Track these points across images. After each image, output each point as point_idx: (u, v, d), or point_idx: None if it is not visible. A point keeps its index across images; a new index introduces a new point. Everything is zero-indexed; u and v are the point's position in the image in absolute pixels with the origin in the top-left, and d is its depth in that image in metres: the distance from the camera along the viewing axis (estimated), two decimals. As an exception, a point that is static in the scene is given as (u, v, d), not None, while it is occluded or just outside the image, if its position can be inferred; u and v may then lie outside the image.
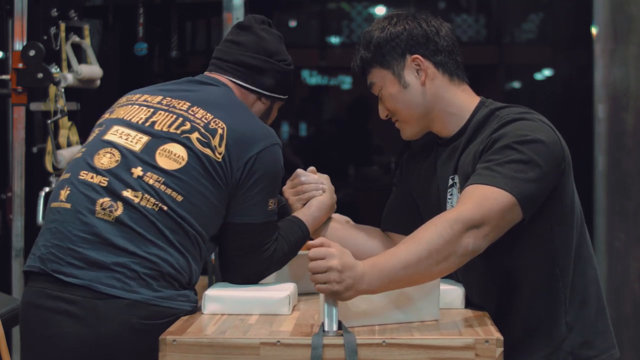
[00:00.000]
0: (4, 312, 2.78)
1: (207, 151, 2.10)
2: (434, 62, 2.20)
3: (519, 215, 2.01)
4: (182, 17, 4.65)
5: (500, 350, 1.84)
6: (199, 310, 2.11)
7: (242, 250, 2.17)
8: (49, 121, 3.83)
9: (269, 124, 2.32)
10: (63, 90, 3.88)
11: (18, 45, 3.82)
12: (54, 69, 3.83)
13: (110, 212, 2.05)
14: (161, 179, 2.08)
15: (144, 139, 2.12)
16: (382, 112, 2.27)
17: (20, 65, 3.75)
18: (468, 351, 1.84)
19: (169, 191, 2.07)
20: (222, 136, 2.12)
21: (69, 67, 3.99)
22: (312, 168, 2.40)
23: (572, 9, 4.93)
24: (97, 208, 2.06)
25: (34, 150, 3.89)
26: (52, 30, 3.94)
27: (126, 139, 2.13)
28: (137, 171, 2.08)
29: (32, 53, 3.73)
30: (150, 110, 2.18)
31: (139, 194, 2.06)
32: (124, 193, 2.06)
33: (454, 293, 2.17)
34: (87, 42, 4.16)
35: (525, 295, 2.13)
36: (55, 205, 2.12)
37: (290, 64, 2.35)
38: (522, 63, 5.31)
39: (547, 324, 2.13)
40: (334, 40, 5.45)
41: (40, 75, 3.74)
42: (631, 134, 4.06)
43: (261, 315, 2.06)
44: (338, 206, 2.41)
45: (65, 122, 3.96)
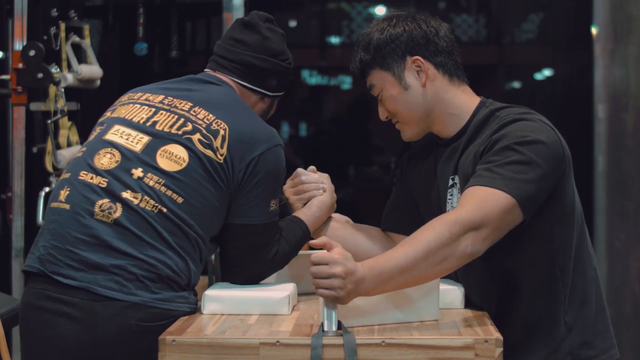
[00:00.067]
0: (4, 312, 2.78)
1: (209, 153, 2.09)
2: (434, 63, 2.20)
3: (519, 217, 2.01)
4: (182, 17, 4.65)
5: (500, 350, 1.84)
6: (198, 311, 2.10)
7: (243, 251, 2.16)
8: (49, 121, 3.83)
9: (268, 118, 2.31)
10: (63, 90, 3.88)
11: (18, 45, 3.82)
12: (54, 69, 3.82)
13: (109, 213, 2.04)
14: (161, 181, 2.07)
15: (145, 139, 2.11)
16: (382, 114, 2.26)
17: (20, 65, 3.75)
18: (467, 351, 1.84)
19: (169, 193, 2.06)
20: (224, 137, 2.11)
21: (69, 67, 3.99)
22: (312, 167, 2.40)
23: (572, 9, 4.93)
24: (96, 209, 2.05)
25: (34, 150, 3.89)
26: (52, 30, 3.94)
27: (127, 139, 2.12)
28: (138, 172, 2.07)
29: (32, 53, 3.73)
30: (152, 109, 2.17)
31: (139, 195, 2.05)
32: (124, 194, 2.05)
33: (453, 293, 2.17)
34: (87, 42, 4.16)
35: (525, 295, 2.13)
36: (54, 205, 2.12)
37: (292, 62, 2.34)
38: (522, 63, 5.31)
39: (546, 324, 2.12)
40: (334, 40, 5.44)
41: (40, 75, 3.74)
42: (631, 134, 4.05)
43: (261, 315, 2.06)
44: (338, 206, 2.41)
45: (65, 122, 3.96)
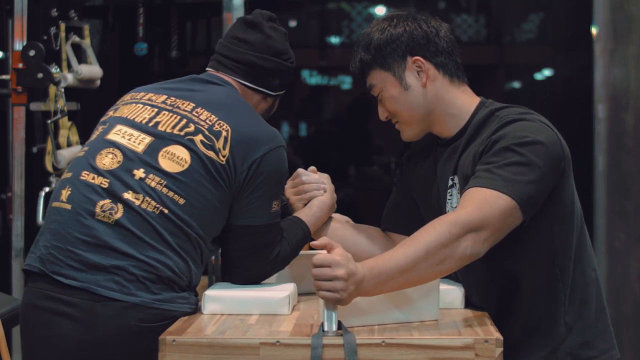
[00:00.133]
0: (4, 312, 2.78)
1: (211, 154, 2.09)
2: (434, 64, 2.20)
3: (519, 218, 2.01)
4: (182, 17, 4.65)
5: (500, 350, 1.84)
6: (198, 311, 2.10)
7: (245, 252, 2.15)
8: (49, 121, 3.83)
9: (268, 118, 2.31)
10: (63, 90, 3.88)
11: (18, 45, 3.82)
12: (54, 69, 3.83)
13: (110, 214, 2.04)
14: (163, 182, 2.06)
15: (147, 139, 2.11)
16: (382, 114, 2.26)
17: (20, 65, 3.75)
18: (467, 351, 1.84)
19: (170, 194, 2.06)
20: (226, 138, 2.10)
21: (69, 67, 3.99)
22: (312, 168, 2.39)
23: (572, 9, 4.93)
24: (97, 210, 2.05)
25: (34, 150, 3.89)
26: (52, 30, 3.94)
27: (129, 139, 2.12)
28: (139, 173, 2.07)
29: (32, 53, 3.73)
30: (155, 110, 2.16)
31: (140, 196, 2.05)
32: (125, 195, 2.05)
33: (453, 293, 2.17)
34: (87, 42, 4.16)
35: (525, 296, 2.13)
36: (56, 205, 2.11)
37: (294, 61, 2.33)
38: (522, 63, 5.31)
39: (546, 324, 2.12)
40: (334, 40, 5.44)
41: (40, 75, 3.74)
42: (631, 134, 4.05)
43: (261, 316, 2.06)
44: (338, 206, 2.41)
45: (65, 122, 3.96)
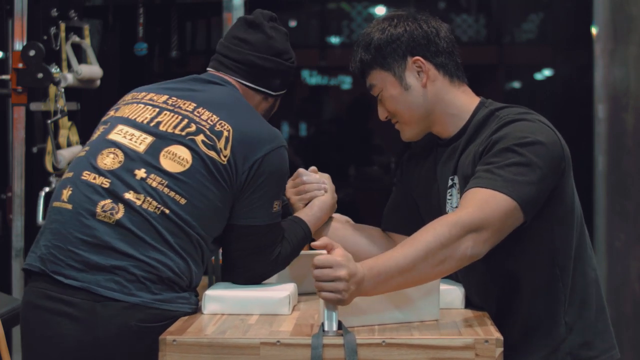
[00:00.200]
0: (4, 312, 2.78)
1: (212, 154, 2.09)
2: (435, 64, 2.20)
3: (520, 219, 2.00)
4: (182, 17, 4.66)
5: (500, 350, 1.84)
6: (199, 311, 2.10)
7: (246, 252, 2.15)
8: (49, 121, 3.83)
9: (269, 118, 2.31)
10: (63, 90, 3.88)
11: (18, 45, 3.82)
12: (54, 69, 3.83)
13: (111, 214, 2.04)
14: (164, 182, 2.06)
15: (149, 139, 2.11)
16: (382, 114, 2.26)
17: (20, 65, 3.75)
18: (468, 351, 1.84)
19: (172, 194, 2.06)
20: (227, 139, 2.10)
21: (69, 67, 3.99)
22: (313, 168, 2.39)
23: (572, 9, 4.93)
24: (98, 210, 2.05)
25: (34, 150, 3.89)
26: (52, 30, 3.94)
27: (130, 139, 2.12)
28: (141, 173, 2.07)
29: (32, 53, 3.73)
30: (156, 110, 2.16)
31: (141, 196, 2.05)
32: (126, 195, 2.05)
33: (453, 293, 2.17)
34: (87, 42, 4.16)
35: (525, 296, 2.13)
36: (57, 204, 2.11)
37: (295, 61, 2.33)
38: (522, 63, 5.31)
39: (546, 324, 2.12)
40: (334, 40, 5.44)
41: (40, 75, 3.74)
42: (631, 134, 4.06)
43: (261, 315, 2.06)
44: (338, 206, 2.41)
45: (65, 122, 3.96)
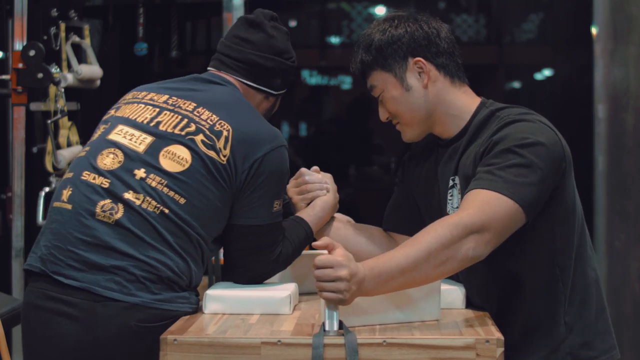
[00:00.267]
0: (4, 312, 2.78)
1: (212, 154, 2.09)
2: (435, 65, 2.19)
3: (521, 220, 2.00)
4: (182, 17, 4.66)
5: (501, 350, 1.84)
6: (200, 310, 2.10)
7: (247, 251, 2.15)
8: (49, 121, 3.83)
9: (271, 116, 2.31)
10: (63, 90, 3.88)
11: (18, 45, 3.82)
12: (54, 69, 3.83)
13: (111, 214, 2.04)
14: (164, 181, 2.06)
15: (148, 139, 2.11)
16: (383, 115, 2.26)
17: (20, 65, 3.75)
18: (468, 351, 1.84)
19: (171, 194, 2.06)
20: (227, 138, 2.10)
21: (69, 67, 3.99)
22: (315, 167, 2.38)
23: (572, 9, 4.93)
24: (98, 210, 2.05)
25: (34, 150, 3.89)
26: (52, 30, 3.94)
27: (130, 139, 2.12)
28: (140, 173, 2.07)
29: (32, 53, 3.73)
30: (156, 109, 2.16)
31: (141, 196, 2.05)
32: (125, 195, 2.05)
33: (454, 293, 2.17)
34: (87, 42, 4.16)
35: (525, 296, 2.13)
36: (57, 205, 2.12)
37: (295, 60, 2.33)
38: (522, 63, 5.31)
39: (547, 324, 2.12)
40: (334, 40, 5.44)
41: (40, 75, 3.74)
42: (631, 134, 4.06)
43: (262, 315, 2.06)
44: (338, 206, 2.40)
45: (65, 122, 3.96)
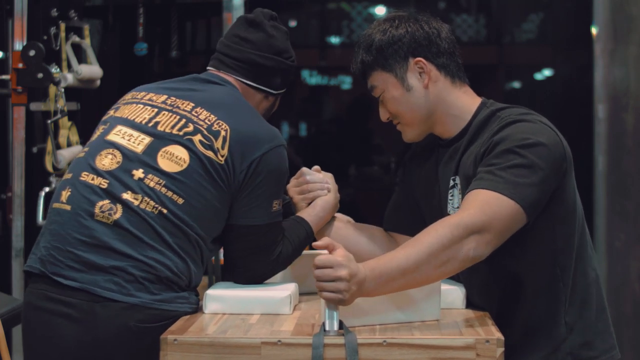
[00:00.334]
0: (4, 312, 2.78)
1: (210, 154, 2.09)
2: (436, 65, 2.19)
3: (522, 221, 2.00)
4: (182, 17, 4.66)
5: (501, 350, 1.84)
6: (200, 310, 2.10)
7: (246, 252, 2.15)
8: (49, 121, 3.83)
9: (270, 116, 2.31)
10: (63, 90, 3.88)
11: (18, 45, 3.82)
12: (54, 69, 3.83)
13: (109, 215, 2.04)
14: (162, 182, 2.06)
15: (147, 140, 2.11)
16: (384, 115, 2.26)
17: (20, 65, 3.75)
18: (469, 351, 1.84)
19: (169, 194, 2.06)
20: (225, 138, 2.10)
21: (69, 67, 3.99)
22: (316, 167, 2.38)
23: (572, 9, 4.93)
24: (96, 211, 2.05)
25: (34, 150, 3.89)
26: (52, 30, 3.94)
27: (128, 140, 2.12)
28: (138, 173, 2.07)
29: (32, 53, 3.73)
30: (155, 110, 2.16)
31: (139, 196, 2.05)
32: (124, 195, 2.05)
33: (454, 293, 2.17)
34: (87, 42, 4.16)
35: (526, 296, 2.13)
36: (56, 206, 2.12)
37: (295, 59, 2.33)
38: (522, 63, 5.31)
39: (547, 324, 2.12)
40: (334, 40, 5.45)
41: (40, 75, 3.74)
42: (631, 134, 4.06)
43: (262, 315, 2.06)
44: (339, 206, 2.40)
45: (65, 122, 3.96)
